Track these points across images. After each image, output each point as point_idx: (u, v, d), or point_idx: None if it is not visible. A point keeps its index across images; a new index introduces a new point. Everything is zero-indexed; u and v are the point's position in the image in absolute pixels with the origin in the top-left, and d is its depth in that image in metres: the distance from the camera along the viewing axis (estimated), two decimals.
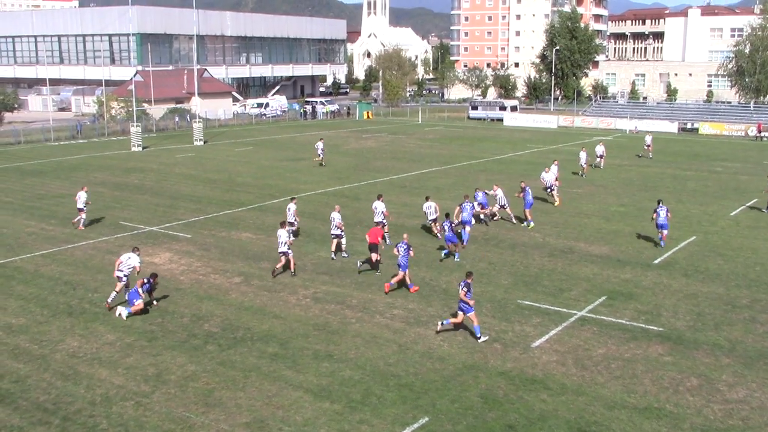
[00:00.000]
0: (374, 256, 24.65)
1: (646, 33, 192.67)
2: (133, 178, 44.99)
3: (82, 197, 31.05)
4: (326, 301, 21.96)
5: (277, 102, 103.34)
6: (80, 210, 31.02)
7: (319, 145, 51.11)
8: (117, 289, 21.36)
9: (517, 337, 19.17)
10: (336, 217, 26.57)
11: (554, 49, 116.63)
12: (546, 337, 19.11)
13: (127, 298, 20.75)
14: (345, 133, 75.64)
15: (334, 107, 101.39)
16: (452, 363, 17.55)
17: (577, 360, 17.72)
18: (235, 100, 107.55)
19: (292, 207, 28.92)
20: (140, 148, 59.78)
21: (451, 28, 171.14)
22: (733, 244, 29.00)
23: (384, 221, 28.35)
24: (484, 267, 25.59)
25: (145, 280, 20.95)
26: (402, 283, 22.86)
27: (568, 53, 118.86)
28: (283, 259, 24.16)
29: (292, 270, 24.22)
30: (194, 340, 18.90)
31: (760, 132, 72.63)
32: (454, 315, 19.38)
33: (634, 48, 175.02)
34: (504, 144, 66.22)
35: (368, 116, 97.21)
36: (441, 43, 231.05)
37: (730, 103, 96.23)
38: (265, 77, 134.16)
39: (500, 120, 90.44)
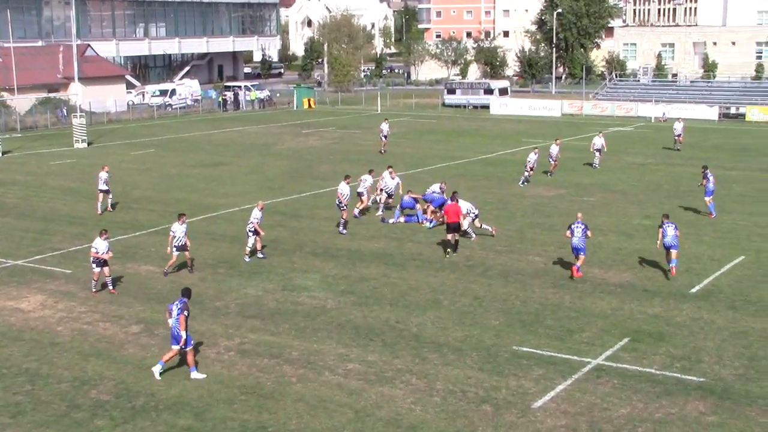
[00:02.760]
0: (452, 237, 30.70)
1: None
2: None
3: (102, 177, 38.86)
4: (257, 354, 21.87)
5: (187, 88, 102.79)
6: (102, 192, 39.05)
7: (384, 127, 58.63)
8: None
9: (513, 395, 19.29)
10: (256, 215, 30.34)
11: (555, 13, 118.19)
12: (551, 395, 19.25)
13: (184, 346, 20.46)
14: (278, 129, 75.57)
15: (263, 94, 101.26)
16: None
17: (592, 424, 17.88)
18: (131, 86, 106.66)
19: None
20: None
21: None
22: None
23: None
24: (468, 303, 25.74)
25: (178, 305, 20.45)
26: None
27: (574, 18, 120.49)
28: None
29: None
30: (77, 413, 18.65)
31: None
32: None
33: (659, 10, 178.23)
34: (491, 139, 66.78)
35: (309, 105, 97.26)
36: (406, 7, 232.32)
37: None
38: (170, 55, 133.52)
39: (485, 107, 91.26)
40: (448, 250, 31.13)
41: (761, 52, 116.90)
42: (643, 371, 20.52)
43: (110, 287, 27.15)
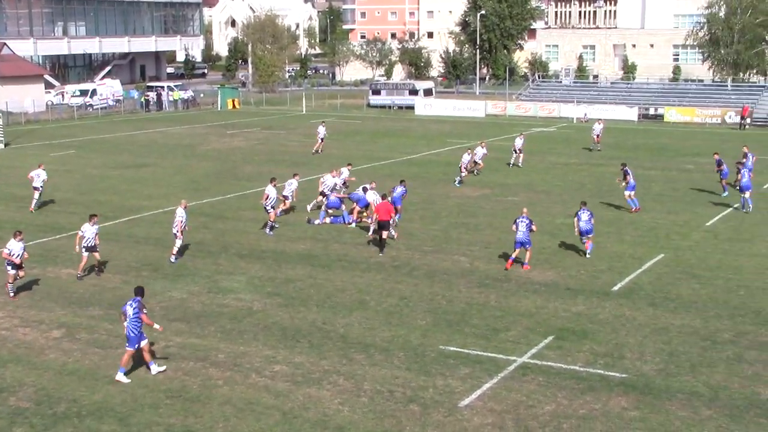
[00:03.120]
0: (384, 234, 31.30)
1: None
2: None
3: (41, 176, 39.47)
4: (182, 357, 21.65)
5: (109, 88, 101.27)
6: (36, 189, 39.25)
7: (321, 129, 59.61)
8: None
9: (441, 394, 19.41)
10: (178, 213, 30.38)
11: (478, 15, 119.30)
12: (478, 393, 19.42)
13: (127, 345, 20.35)
14: (202, 129, 74.89)
15: (186, 94, 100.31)
16: None
17: (518, 421, 18.08)
18: (50, 86, 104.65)
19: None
20: None
21: None
22: (711, 262, 30.35)
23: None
24: (394, 303, 25.83)
25: (133, 305, 20.30)
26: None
27: (497, 19, 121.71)
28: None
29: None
30: None
31: (744, 118, 76.40)
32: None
33: (580, 12, 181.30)
34: (417, 140, 67.09)
35: (234, 106, 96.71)
36: (330, 7, 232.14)
37: (702, 81, 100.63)
38: (90, 55, 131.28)
39: (410, 108, 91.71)
40: (379, 249, 31.65)
41: (678, 55, 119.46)
42: (568, 368, 20.83)
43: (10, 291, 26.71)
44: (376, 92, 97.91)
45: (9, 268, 26.40)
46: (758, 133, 71.77)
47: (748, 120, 76.96)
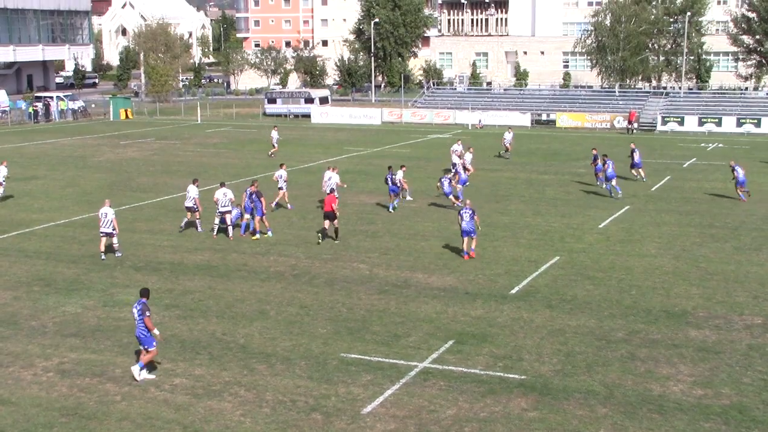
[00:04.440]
0: (327, 224, 33.54)
1: (487, 0, 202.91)
2: None
3: (2, 171, 43.21)
4: (78, 374, 21.16)
5: None
6: None
7: (274, 134, 61.98)
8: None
9: (343, 402, 19.42)
10: (109, 212, 31.25)
11: (372, 22, 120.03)
12: (380, 400, 19.49)
13: (142, 345, 20.96)
14: (94, 140, 73.46)
15: (77, 104, 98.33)
16: None
17: (421, 427, 18.20)
18: None
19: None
20: None
21: None
22: (604, 263, 31.13)
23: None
24: (295, 312, 25.75)
25: (138, 307, 20.87)
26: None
27: (391, 27, 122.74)
28: None
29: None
30: None
31: (631, 123, 79.05)
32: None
33: (473, 20, 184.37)
34: (313, 148, 67.14)
35: (127, 116, 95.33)
36: (224, 16, 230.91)
37: (591, 87, 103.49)
38: None
39: (307, 116, 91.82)
40: (319, 235, 34.14)
41: (567, 62, 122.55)
42: (468, 372, 21.07)
43: None
44: (272, 101, 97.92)
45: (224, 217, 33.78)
46: (645, 137, 74.20)
47: (635, 125, 79.72)
